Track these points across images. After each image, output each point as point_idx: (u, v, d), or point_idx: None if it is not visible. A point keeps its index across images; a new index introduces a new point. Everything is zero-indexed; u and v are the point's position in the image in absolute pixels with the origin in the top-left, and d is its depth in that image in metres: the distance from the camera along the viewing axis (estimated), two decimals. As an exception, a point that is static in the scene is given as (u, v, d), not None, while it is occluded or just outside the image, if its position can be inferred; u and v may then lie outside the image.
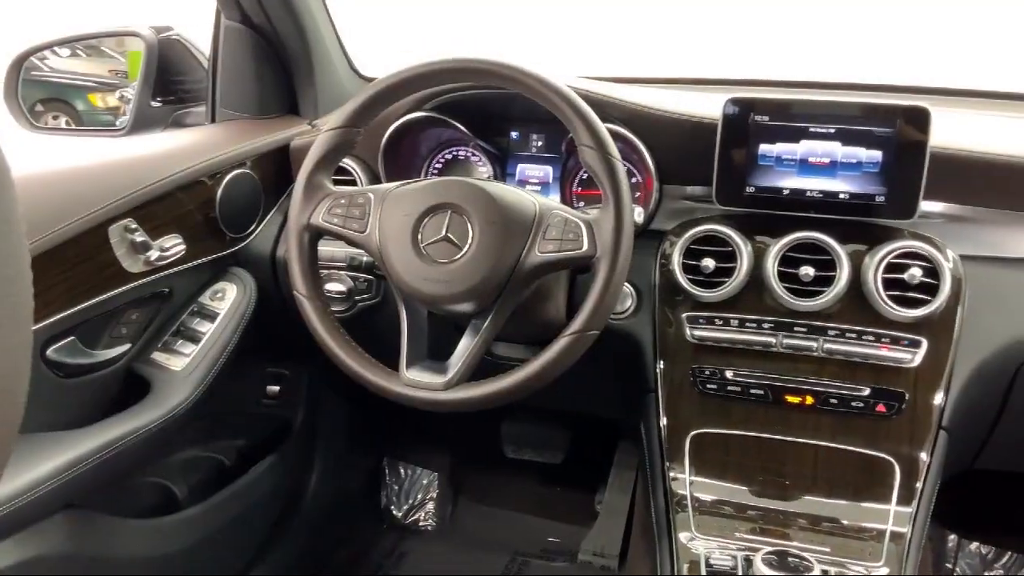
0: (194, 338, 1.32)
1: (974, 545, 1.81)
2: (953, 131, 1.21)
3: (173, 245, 1.27)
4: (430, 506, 2.08)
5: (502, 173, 1.42)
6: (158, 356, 1.29)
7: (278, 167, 1.48)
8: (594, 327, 1.01)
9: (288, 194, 1.47)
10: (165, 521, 1.40)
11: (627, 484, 1.88)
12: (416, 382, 1.04)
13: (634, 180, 1.32)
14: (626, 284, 1.24)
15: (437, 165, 1.46)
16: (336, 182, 1.13)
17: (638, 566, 1.39)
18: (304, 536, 1.82)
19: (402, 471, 2.12)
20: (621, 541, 1.83)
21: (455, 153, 1.46)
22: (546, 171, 1.40)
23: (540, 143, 1.40)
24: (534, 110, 1.09)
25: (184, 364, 1.28)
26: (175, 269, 1.30)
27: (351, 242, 1.09)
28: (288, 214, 1.12)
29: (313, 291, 1.10)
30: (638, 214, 1.26)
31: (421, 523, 2.07)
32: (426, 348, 1.09)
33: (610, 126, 1.14)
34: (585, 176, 1.38)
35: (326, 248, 1.35)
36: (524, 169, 1.41)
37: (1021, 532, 1.80)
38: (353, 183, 1.39)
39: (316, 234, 1.10)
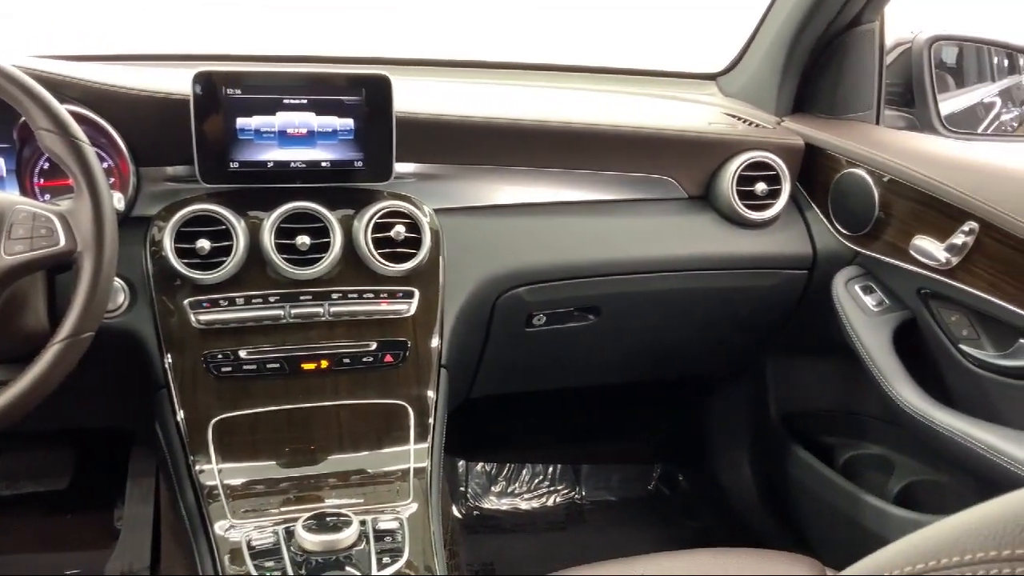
0: None
1: (480, 465, 2.04)
2: (417, 97, 1.32)
3: None
4: (-96, 578, 1.73)
5: (-67, 170, 1.21)
6: None
7: None
8: (87, 329, 0.92)
9: None
10: None
11: (148, 491, 1.77)
12: None
13: (106, 165, 1.21)
14: (116, 278, 1.15)
15: None
16: None
17: (175, 572, 1.32)
18: None
19: None
20: (150, 551, 1.71)
21: None
22: (-3, 163, 1.22)
23: (-18, 132, 1.22)
24: None
25: None
26: None
27: None
28: None
29: None
30: (118, 200, 1.17)
31: None
32: None
33: (70, 107, 1.04)
34: (47, 165, 1.23)
35: None
36: (-34, 163, 1.22)
37: (512, 446, 2.08)
38: None
39: None
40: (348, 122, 1.21)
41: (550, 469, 2.07)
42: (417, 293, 1.23)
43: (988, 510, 0.36)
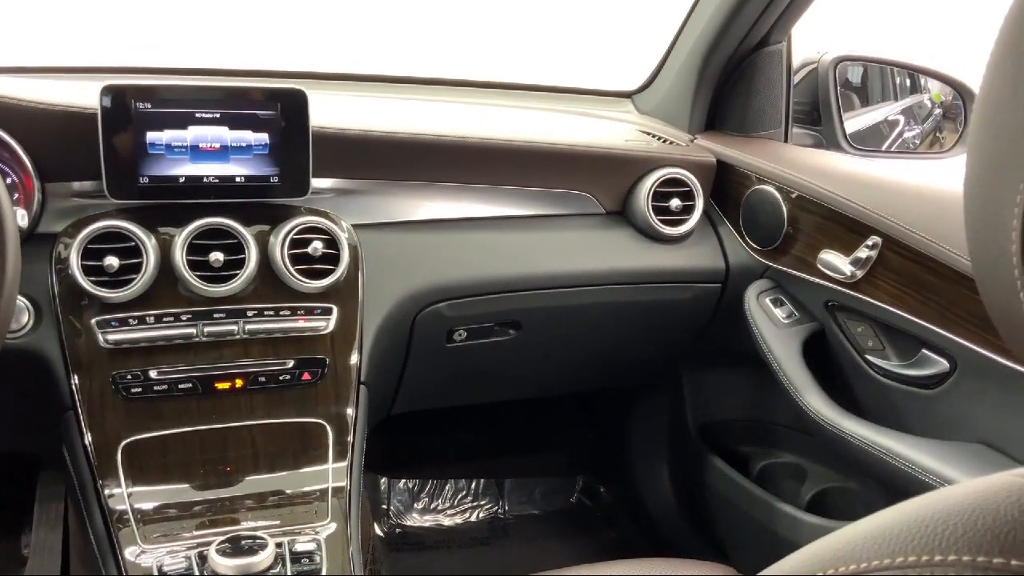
0: None
1: (402, 482, 2.03)
2: (334, 111, 1.32)
3: None
4: None
5: None
6: None
7: None
8: None
9: None
10: None
11: (56, 517, 1.70)
12: None
13: (9, 180, 1.17)
14: (19, 297, 1.11)
15: None
16: None
17: (85, 600, 1.27)
18: None
19: None
20: None
21: None
22: None
23: None
24: None
25: None
26: None
27: None
28: None
29: None
30: (21, 217, 1.13)
31: None
32: None
33: None
34: (-55, 181, 1.19)
35: None
36: None
37: (435, 461, 2.07)
38: None
39: None
40: (263, 137, 1.19)
41: (473, 484, 2.07)
42: (335, 309, 1.22)
43: (884, 519, 0.37)
